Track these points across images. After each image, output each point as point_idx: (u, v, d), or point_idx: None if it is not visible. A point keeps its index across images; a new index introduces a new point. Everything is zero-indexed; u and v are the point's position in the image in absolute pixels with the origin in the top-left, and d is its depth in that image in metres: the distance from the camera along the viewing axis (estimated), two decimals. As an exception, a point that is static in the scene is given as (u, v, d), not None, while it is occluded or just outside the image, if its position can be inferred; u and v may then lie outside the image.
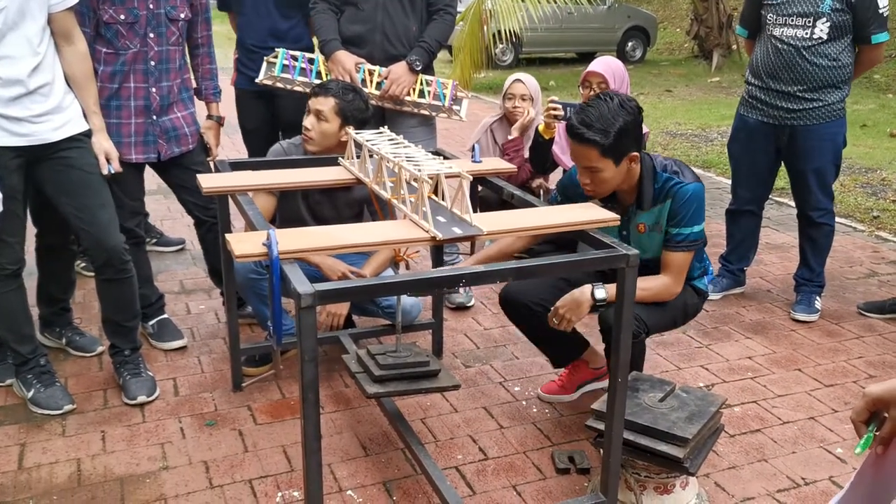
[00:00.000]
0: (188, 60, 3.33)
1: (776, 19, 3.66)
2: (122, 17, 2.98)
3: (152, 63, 3.08)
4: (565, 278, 2.84)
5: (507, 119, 4.37)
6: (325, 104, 3.06)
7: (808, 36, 3.58)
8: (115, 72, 3.05)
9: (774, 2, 3.65)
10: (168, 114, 3.18)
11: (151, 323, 3.43)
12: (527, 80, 4.33)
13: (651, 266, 2.70)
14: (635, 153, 2.53)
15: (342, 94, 3.07)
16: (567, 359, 3.01)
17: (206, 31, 3.32)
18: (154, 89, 3.11)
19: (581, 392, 3.08)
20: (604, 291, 2.50)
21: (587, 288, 2.53)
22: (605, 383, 3.09)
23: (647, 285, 2.63)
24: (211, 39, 3.36)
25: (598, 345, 2.97)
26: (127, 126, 3.11)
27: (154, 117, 3.14)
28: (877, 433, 1.38)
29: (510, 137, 4.22)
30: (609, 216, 2.31)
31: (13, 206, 2.72)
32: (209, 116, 3.42)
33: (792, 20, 3.61)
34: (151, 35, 3.04)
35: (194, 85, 3.40)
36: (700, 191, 2.62)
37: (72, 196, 2.79)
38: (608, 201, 2.62)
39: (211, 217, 3.41)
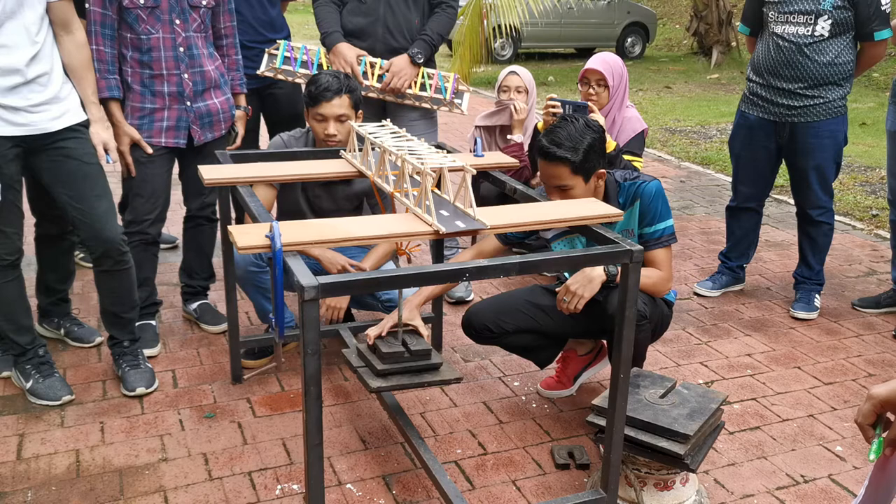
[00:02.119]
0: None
1: (777, 17, 3.66)
2: (142, 1, 2.96)
3: (181, 49, 3.06)
4: (529, 300, 2.89)
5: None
6: (342, 105, 3.03)
7: (809, 33, 3.57)
8: (143, 58, 3.03)
9: (776, 0, 3.64)
10: (204, 99, 3.17)
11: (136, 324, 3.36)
12: (521, 73, 4.32)
13: None
14: (602, 170, 2.64)
15: (349, 88, 3.05)
16: (549, 358, 3.01)
17: (230, 21, 3.29)
18: (186, 75, 3.09)
19: (579, 383, 3.09)
20: (616, 268, 2.56)
21: (599, 266, 2.56)
22: (598, 367, 3.14)
23: (648, 274, 2.66)
24: (235, 30, 3.32)
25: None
26: (160, 112, 3.10)
27: (188, 103, 3.12)
28: (883, 435, 1.37)
29: (513, 140, 4.17)
30: (613, 211, 2.30)
31: (11, 196, 2.70)
32: (237, 107, 3.41)
33: (793, 18, 3.61)
34: (177, 21, 3.03)
35: None
36: (661, 186, 2.72)
37: (69, 186, 2.78)
38: None
39: (206, 215, 3.46)
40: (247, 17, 3.72)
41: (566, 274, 2.99)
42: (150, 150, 3.10)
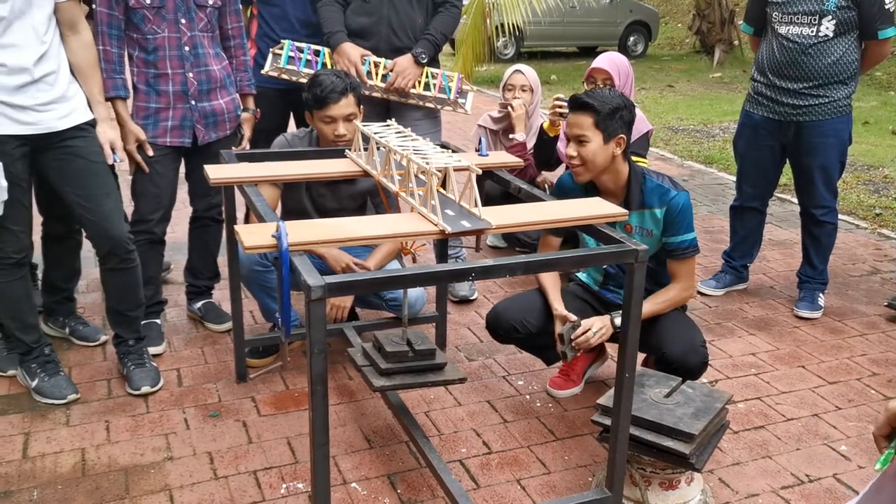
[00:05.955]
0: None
1: (781, 17, 3.65)
2: (148, 1, 2.97)
3: (186, 49, 3.06)
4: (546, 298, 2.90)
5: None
6: (349, 104, 3.01)
7: (813, 34, 3.57)
8: (149, 57, 3.04)
9: (779, 0, 3.64)
10: (210, 99, 3.18)
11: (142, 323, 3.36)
12: (526, 71, 4.31)
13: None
14: (623, 136, 2.69)
15: (352, 86, 3.04)
16: (558, 356, 3.02)
17: (237, 21, 3.29)
18: (191, 74, 3.09)
19: (585, 379, 3.12)
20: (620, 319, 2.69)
21: (606, 318, 2.72)
22: (600, 363, 3.20)
23: (665, 297, 2.78)
24: (242, 31, 3.32)
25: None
26: (165, 111, 3.11)
27: (193, 102, 3.13)
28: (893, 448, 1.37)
29: (515, 140, 4.15)
30: (618, 210, 2.30)
31: (18, 195, 2.71)
32: (245, 109, 3.40)
33: (797, 18, 3.60)
34: (183, 21, 3.04)
35: None
36: (689, 199, 2.80)
37: (76, 185, 2.79)
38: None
39: (212, 216, 3.45)
40: (288, 13, 3.72)
41: (580, 275, 3.03)
42: (150, 152, 3.11)
